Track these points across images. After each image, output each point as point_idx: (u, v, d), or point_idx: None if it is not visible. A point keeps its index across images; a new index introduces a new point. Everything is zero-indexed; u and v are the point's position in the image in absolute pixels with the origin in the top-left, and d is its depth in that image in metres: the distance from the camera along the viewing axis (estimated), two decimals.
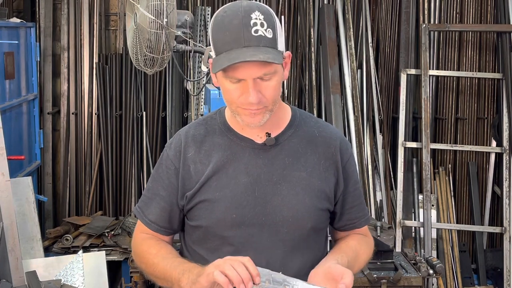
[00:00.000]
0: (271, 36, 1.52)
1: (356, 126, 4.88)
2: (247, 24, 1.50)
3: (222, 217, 1.61)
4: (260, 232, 1.62)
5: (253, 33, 1.50)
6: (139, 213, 1.76)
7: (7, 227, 3.01)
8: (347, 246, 1.73)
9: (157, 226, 1.72)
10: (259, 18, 1.51)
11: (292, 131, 1.69)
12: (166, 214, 1.70)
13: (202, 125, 1.71)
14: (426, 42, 4.74)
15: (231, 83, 1.54)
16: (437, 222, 4.83)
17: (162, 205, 1.70)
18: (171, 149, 1.70)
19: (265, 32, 1.51)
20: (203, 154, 1.65)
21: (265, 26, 1.51)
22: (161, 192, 1.70)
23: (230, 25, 1.51)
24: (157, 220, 1.71)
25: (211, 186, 1.63)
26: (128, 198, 5.12)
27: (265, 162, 1.64)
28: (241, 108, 1.57)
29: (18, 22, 4.69)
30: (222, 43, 1.51)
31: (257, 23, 1.51)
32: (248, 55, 1.48)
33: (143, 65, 3.42)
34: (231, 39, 1.50)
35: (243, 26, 1.50)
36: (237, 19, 1.50)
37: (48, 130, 5.19)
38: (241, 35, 1.50)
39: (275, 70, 1.54)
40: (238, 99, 1.55)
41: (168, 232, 1.74)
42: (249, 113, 1.56)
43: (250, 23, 1.50)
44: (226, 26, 1.52)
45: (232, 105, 1.58)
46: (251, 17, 1.51)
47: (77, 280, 3.10)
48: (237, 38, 1.50)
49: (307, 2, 5.09)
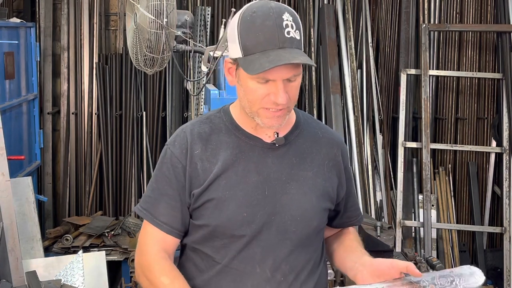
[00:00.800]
0: (299, 38, 1.54)
1: (356, 126, 4.88)
2: (280, 26, 1.51)
3: (233, 215, 1.60)
4: (268, 230, 1.62)
5: (286, 35, 1.51)
6: (147, 214, 1.66)
7: (7, 227, 3.01)
8: (352, 241, 1.79)
9: (170, 228, 1.64)
10: (289, 20, 1.52)
11: (298, 131, 1.70)
12: (178, 215, 1.65)
13: (206, 123, 1.69)
14: (426, 42, 4.74)
15: (258, 83, 1.54)
16: (437, 222, 4.83)
17: (172, 205, 1.64)
18: (175, 147, 1.66)
19: (295, 34, 1.53)
20: (210, 152, 1.64)
21: (294, 28, 1.53)
22: (169, 191, 1.64)
23: (263, 25, 1.51)
24: (169, 221, 1.64)
25: (220, 184, 1.61)
26: (128, 198, 5.12)
27: (274, 161, 1.64)
28: (264, 109, 1.56)
29: (18, 22, 4.69)
30: (255, 44, 1.51)
31: (289, 25, 1.52)
32: (288, 56, 1.49)
33: (143, 65, 3.42)
34: (265, 39, 1.50)
35: (277, 27, 1.50)
36: (270, 20, 1.51)
37: (48, 130, 5.19)
38: (275, 35, 1.50)
39: (300, 72, 1.56)
40: (263, 99, 1.55)
41: (180, 234, 1.67)
42: (272, 115, 1.56)
43: (282, 25, 1.51)
44: (258, 26, 1.51)
45: (254, 105, 1.57)
46: (283, 19, 1.51)
47: (77, 280, 3.10)
48: (271, 39, 1.50)
49: (307, 2, 5.09)
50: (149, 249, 1.65)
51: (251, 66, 1.51)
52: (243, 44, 1.53)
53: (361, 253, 1.69)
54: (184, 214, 1.65)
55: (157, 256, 1.63)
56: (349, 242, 1.78)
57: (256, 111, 1.58)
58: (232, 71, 1.61)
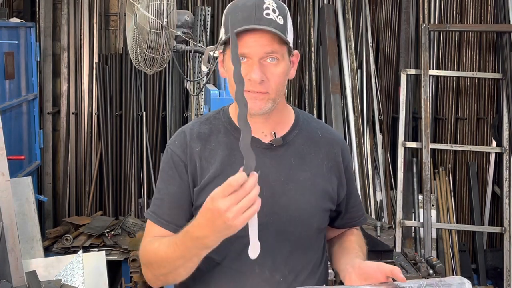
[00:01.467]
0: (281, 24, 1.55)
1: (356, 126, 4.88)
2: (259, 6, 1.54)
3: None
4: (267, 231, 1.61)
5: (265, 15, 1.53)
6: (152, 216, 1.65)
7: (7, 227, 3.01)
8: (351, 243, 1.77)
9: (176, 226, 1.61)
10: (272, 5, 1.55)
11: (296, 131, 1.70)
12: (183, 212, 1.64)
13: (206, 124, 1.69)
14: (426, 42, 4.74)
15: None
16: (437, 222, 4.83)
17: (177, 203, 1.64)
18: (175, 146, 1.67)
19: (276, 18, 1.54)
20: (208, 153, 1.64)
21: (277, 13, 1.55)
22: (173, 190, 1.64)
23: (244, 6, 1.55)
24: (174, 220, 1.63)
25: (218, 184, 1.60)
26: (128, 198, 5.12)
27: (272, 161, 1.64)
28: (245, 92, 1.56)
29: (18, 22, 4.69)
30: (234, 23, 1.52)
31: (269, 8, 1.55)
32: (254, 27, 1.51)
33: (143, 65, 3.42)
34: (242, 17, 1.53)
35: (256, 7, 1.54)
36: (250, 1, 1.55)
37: (48, 130, 5.19)
38: (252, 13, 1.53)
39: (282, 56, 1.56)
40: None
41: None
42: (251, 97, 1.55)
43: (262, 6, 1.54)
44: (239, 7, 1.56)
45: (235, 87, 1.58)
46: (264, 2, 1.55)
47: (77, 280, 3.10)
48: (248, 17, 1.53)
49: (307, 2, 5.09)
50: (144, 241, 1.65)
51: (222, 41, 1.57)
52: (225, 26, 1.58)
53: (355, 255, 1.67)
54: (189, 212, 1.65)
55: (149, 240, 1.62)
56: (348, 244, 1.76)
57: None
58: (222, 62, 1.64)
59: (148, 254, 1.61)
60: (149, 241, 1.63)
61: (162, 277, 1.60)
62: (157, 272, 1.59)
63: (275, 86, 1.57)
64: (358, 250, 1.71)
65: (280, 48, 1.55)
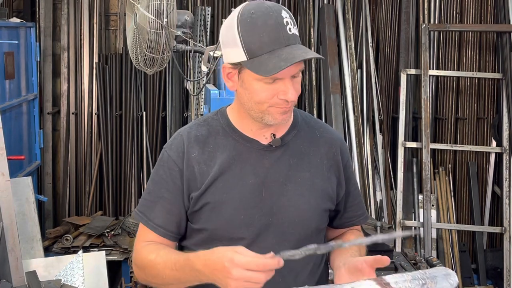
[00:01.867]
0: (298, 33, 1.55)
1: (356, 126, 4.88)
2: (281, 23, 1.50)
3: (230, 219, 1.60)
4: (266, 232, 1.62)
5: (289, 32, 1.51)
6: (142, 217, 1.66)
7: (7, 227, 3.01)
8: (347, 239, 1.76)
9: (164, 231, 1.64)
10: (287, 17, 1.53)
11: (295, 131, 1.69)
12: (173, 218, 1.64)
13: (203, 126, 1.68)
14: (426, 42, 4.74)
15: (265, 84, 1.53)
16: (437, 222, 4.83)
17: (168, 208, 1.64)
18: (172, 150, 1.66)
19: (295, 30, 1.53)
20: (207, 155, 1.63)
21: (293, 24, 1.54)
22: (165, 194, 1.64)
23: (266, 25, 1.49)
24: (164, 224, 1.64)
25: (218, 187, 1.61)
26: (128, 198, 5.12)
27: (271, 162, 1.64)
28: (275, 107, 1.56)
29: (18, 22, 4.69)
30: (260, 45, 1.49)
31: (289, 22, 1.52)
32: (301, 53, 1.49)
33: (143, 65, 3.42)
34: (269, 39, 1.49)
35: (279, 25, 1.50)
36: (271, 20, 1.50)
37: (48, 130, 5.19)
38: (280, 34, 1.50)
39: (302, 67, 1.56)
40: (272, 98, 1.54)
41: (175, 237, 1.67)
42: (282, 111, 1.56)
43: (283, 22, 1.51)
44: (260, 27, 1.50)
45: (263, 105, 1.56)
46: (282, 16, 1.51)
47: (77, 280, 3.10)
48: (277, 38, 1.49)
49: (307, 2, 5.09)
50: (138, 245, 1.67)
51: (263, 68, 1.49)
52: (247, 47, 1.51)
53: (350, 255, 1.66)
54: (179, 218, 1.65)
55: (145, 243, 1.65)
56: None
57: (265, 110, 1.56)
58: (232, 76, 1.58)
59: (143, 261, 1.63)
60: (144, 246, 1.65)
61: (153, 284, 1.64)
62: (150, 280, 1.63)
63: (299, 93, 1.58)
64: (354, 249, 1.69)
65: (302, 62, 1.54)
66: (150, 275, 1.61)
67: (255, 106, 1.57)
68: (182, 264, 1.52)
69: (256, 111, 1.58)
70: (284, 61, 1.46)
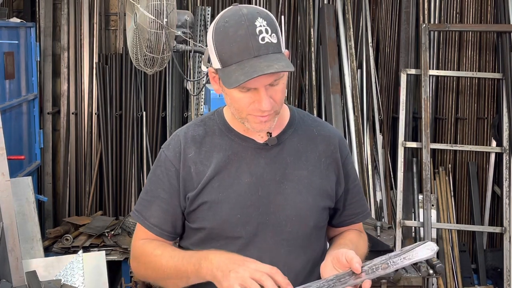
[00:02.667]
0: (276, 42, 1.51)
1: (356, 126, 4.88)
2: (253, 33, 1.48)
3: (227, 218, 1.60)
4: (264, 231, 1.62)
5: (261, 41, 1.49)
6: (138, 217, 1.69)
7: (7, 227, 3.01)
8: (345, 239, 1.75)
9: (160, 230, 1.66)
10: (263, 25, 1.50)
11: (292, 130, 1.69)
12: (169, 217, 1.66)
13: (200, 126, 1.69)
14: (426, 42, 4.74)
15: (241, 92, 1.53)
16: (437, 222, 4.83)
17: (164, 208, 1.66)
18: (169, 150, 1.67)
19: (271, 38, 1.50)
20: (204, 155, 1.64)
21: (269, 32, 1.50)
22: (161, 194, 1.66)
23: (236, 35, 1.49)
24: (159, 223, 1.66)
25: (214, 187, 1.62)
26: (128, 198, 5.12)
27: (267, 161, 1.64)
28: (252, 116, 1.56)
29: (18, 22, 4.69)
30: (230, 55, 1.50)
31: (262, 30, 1.49)
32: (263, 66, 1.46)
33: (143, 65, 3.42)
34: (239, 50, 1.48)
35: (250, 35, 1.48)
36: (242, 29, 1.49)
37: (48, 130, 5.19)
38: (249, 45, 1.48)
39: (283, 74, 1.55)
40: (248, 107, 1.54)
41: (172, 237, 1.69)
42: (260, 120, 1.56)
43: (256, 32, 1.49)
44: (231, 37, 1.50)
45: (242, 113, 1.57)
46: (255, 25, 1.49)
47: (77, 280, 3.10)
48: (246, 48, 1.48)
49: (307, 2, 5.09)
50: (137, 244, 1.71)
51: (228, 80, 1.50)
52: (219, 56, 1.52)
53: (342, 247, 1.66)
54: (175, 217, 1.67)
55: (146, 241, 1.68)
56: (341, 241, 1.74)
57: (245, 118, 1.58)
58: (216, 80, 1.60)
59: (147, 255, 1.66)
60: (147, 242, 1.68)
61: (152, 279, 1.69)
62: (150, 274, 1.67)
63: (280, 102, 1.57)
64: (349, 245, 1.67)
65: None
66: (152, 268, 1.64)
67: (235, 112, 1.59)
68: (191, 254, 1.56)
69: (237, 116, 1.60)
70: (244, 75, 1.46)
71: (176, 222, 1.67)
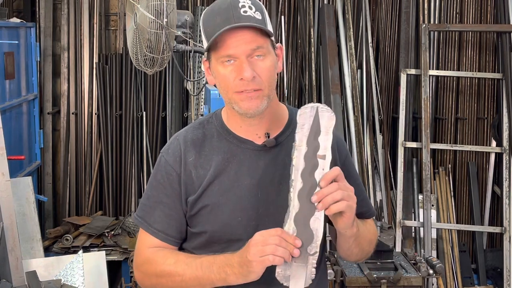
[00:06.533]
0: (260, 18, 1.55)
1: (356, 126, 4.88)
2: (235, 6, 1.54)
3: (228, 221, 1.60)
4: None
5: (242, 13, 1.53)
6: (142, 223, 1.67)
7: (7, 227, 3.01)
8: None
9: (165, 235, 1.65)
10: (247, 2, 1.55)
11: (290, 130, 1.68)
12: (173, 222, 1.65)
13: (199, 129, 1.69)
14: (426, 42, 4.74)
15: (224, 67, 1.55)
16: (437, 222, 4.83)
17: (167, 213, 1.64)
18: (169, 155, 1.67)
19: (254, 14, 1.54)
20: (203, 159, 1.64)
21: (254, 9, 1.55)
22: (164, 199, 1.65)
23: (219, 9, 1.55)
24: (164, 229, 1.64)
25: (214, 190, 1.61)
26: (128, 198, 5.12)
27: (266, 163, 1.64)
28: (237, 93, 1.56)
29: (18, 22, 4.69)
30: (213, 27, 1.54)
31: (245, 5, 1.55)
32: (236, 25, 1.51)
33: (143, 65, 3.42)
34: (221, 20, 1.53)
35: (232, 8, 1.53)
36: (225, 4, 1.55)
37: (48, 130, 5.19)
38: (230, 14, 1.53)
39: (267, 50, 1.56)
40: (233, 82, 1.55)
41: (177, 242, 1.67)
42: (246, 97, 1.55)
43: (238, 5, 1.54)
44: (215, 11, 1.56)
45: (228, 92, 1.57)
46: (238, 1, 1.55)
47: (77, 280, 3.10)
48: (227, 18, 1.52)
49: (307, 2, 5.09)
50: (145, 251, 1.68)
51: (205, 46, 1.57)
52: (205, 33, 1.58)
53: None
54: (179, 222, 1.65)
55: (155, 249, 1.66)
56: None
57: (231, 98, 1.58)
58: (209, 70, 1.63)
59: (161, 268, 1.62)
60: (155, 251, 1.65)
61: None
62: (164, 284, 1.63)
63: (267, 80, 1.57)
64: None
65: (264, 41, 1.55)
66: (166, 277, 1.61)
67: (224, 94, 1.60)
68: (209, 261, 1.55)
69: (226, 99, 1.61)
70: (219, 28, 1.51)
71: (181, 226, 1.66)
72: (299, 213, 1.47)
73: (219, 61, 1.56)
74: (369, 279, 3.26)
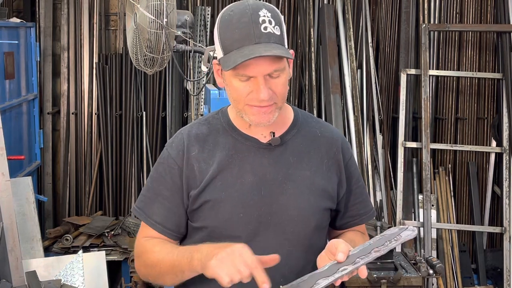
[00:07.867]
0: (279, 34, 1.54)
1: (356, 126, 4.88)
2: (256, 21, 1.51)
3: (229, 217, 1.61)
4: (265, 231, 1.62)
5: (263, 30, 1.52)
6: (141, 214, 1.69)
7: (7, 227, 3.01)
8: (344, 236, 1.75)
9: (163, 228, 1.66)
10: (267, 16, 1.53)
11: (295, 130, 1.70)
12: (171, 215, 1.66)
13: (204, 125, 1.70)
14: (426, 42, 4.74)
15: (240, 81, 1.54)
16: (437, 222, 4.83)
17: (166, 206, 1.66)
18: (172, 148, 1.68)
19: (274, 29, 1.53)
20: (207, 154, 1.64)
21: (273, 23, 1.53)
22: (164, 192, 1.66)
23: (239, 23, 1.52)
24: (162, 221, 1.66)
25: (216, 186, 1.62)
26: (128, 198, 5.12)
27: (270, 161, 1.64)
28: (249, 106, 1.56)
29: (18, 22, 4.69)
30: (232, 41, 1.52)
31: (266, 20, 1.52)
32: (261, 50, 1.49)
33: (143, 65, 3.42)
34: (241, 36, 1.51)
35: (252, 23, 1.51)
36: (245, 17, 1.52)
37: (48, 130, 5.19)
38: (251, 32, 1.51)
39: (284, 67, 1.55)
40: (246, 96, 1.55)
41: (175, 236, 1.68)
42: (258, 111, 1.56)
43: (259, 20, 1.52)
44: (234, 24, 1.52)
45: (239, 103, 1.57)
46: (259, 15, 1.52)
47: (77, 280, 3.10)
48: (247, 35, 1.51)
49: (307, 2, 5.09)
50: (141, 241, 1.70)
51: (226, 63, 1.52)
52: (222, 43, 1.55)
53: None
54: (178, 215, 1.66)
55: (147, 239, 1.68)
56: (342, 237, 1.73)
57: (242, 109, 1.58)
58: (220, 72, 1.62)
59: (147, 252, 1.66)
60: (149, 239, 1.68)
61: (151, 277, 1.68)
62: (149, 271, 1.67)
63: (281, 95, 1.58)
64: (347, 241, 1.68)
65: (283, 62, 1.54)
66: (150, 264, 1.64)
67: (234, 103, 1.60)
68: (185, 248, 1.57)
69: (236, 108, 1.61)
70: (242, 57, 1.49)
71: (180, 221, 1.67)
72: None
73: (235, 75, 1.55)
74: (369, 279, 3.26)
